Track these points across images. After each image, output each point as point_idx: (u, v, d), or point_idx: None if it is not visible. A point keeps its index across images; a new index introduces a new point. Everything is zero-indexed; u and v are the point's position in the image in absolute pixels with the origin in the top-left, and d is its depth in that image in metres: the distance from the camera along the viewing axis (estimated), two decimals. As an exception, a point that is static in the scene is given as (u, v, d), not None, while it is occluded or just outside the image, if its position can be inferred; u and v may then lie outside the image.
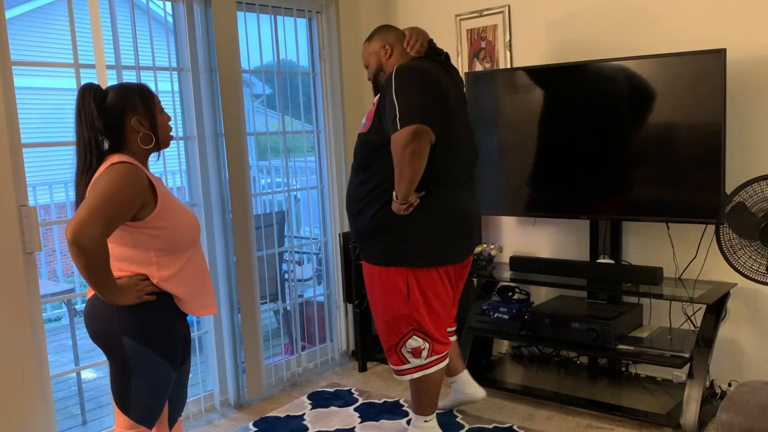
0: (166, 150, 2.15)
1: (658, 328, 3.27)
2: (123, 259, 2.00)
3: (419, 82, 2.48)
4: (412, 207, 2.52)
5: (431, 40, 2.81)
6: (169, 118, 2.11)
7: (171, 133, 2.13)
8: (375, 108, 2.62)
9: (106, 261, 1.84)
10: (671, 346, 3.02)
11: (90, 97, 1.97)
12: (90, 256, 1.79)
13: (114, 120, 1.99)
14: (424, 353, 2.67)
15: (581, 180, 3.31)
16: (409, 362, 2.70)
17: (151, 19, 3.35)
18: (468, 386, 3.09)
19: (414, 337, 2.66)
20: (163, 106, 2.14)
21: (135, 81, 3.02)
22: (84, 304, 2.11)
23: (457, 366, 3.09)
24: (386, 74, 2.67)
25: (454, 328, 3.04)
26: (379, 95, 2.63)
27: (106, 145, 2.02)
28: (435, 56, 2.76)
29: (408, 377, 2.73)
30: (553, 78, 3.35)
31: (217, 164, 3.35)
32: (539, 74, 3.39)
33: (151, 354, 1.99)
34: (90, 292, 2.05)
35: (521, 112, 3.45)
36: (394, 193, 2.54)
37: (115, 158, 1.95)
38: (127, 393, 2.01)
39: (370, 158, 2.63)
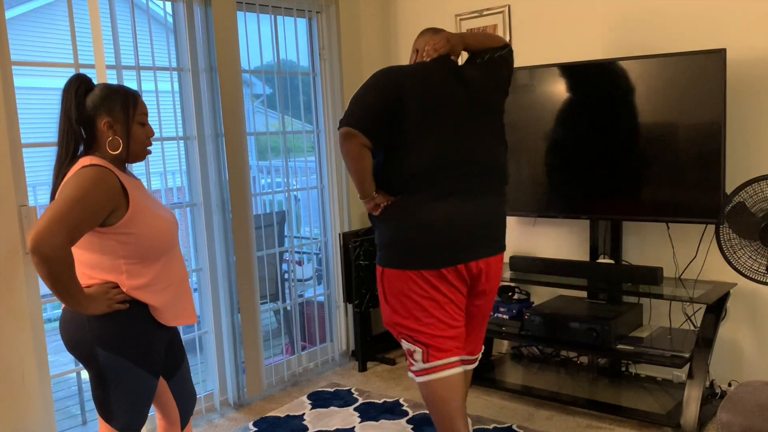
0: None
1: (658, 328, 3.27)
2: (92, 266, 1.90)
3: (372, 86, 2.43)
4: (378, 207, 2.49)
5: (486, 47, 2.57)
6: (150, 134, 1.99)
7: (149, 148, 2.02)
8: None
9: (70, 269, 1.74)
10: (671, 346, 3.02)
11: (73, 87, 1.91)
12: (52, 264, 1.70)
13: (86, 117, 1.91)
14: (417, 356, 2.50)
15: (581, 180, 3.31)
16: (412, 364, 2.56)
17: (151, 19, 3.35)
18: None
19: (403, 339, 2.54)
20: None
21: (135, 81, 3.04)
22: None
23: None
24: None
25: (472, 357, 2.74)
26: None
27: (82, 142, 1.95)
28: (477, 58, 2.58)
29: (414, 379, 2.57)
30: (553, 78, 3.35)
31: (217, 164, 3.35)
32: (539, 74, 3.39)
33: (127, 364, 1.91)
34: None
35: (521, 112, 3.45)
36: None
37: (87, 161, 1.86)
38: (107, 403, 1.95)
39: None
